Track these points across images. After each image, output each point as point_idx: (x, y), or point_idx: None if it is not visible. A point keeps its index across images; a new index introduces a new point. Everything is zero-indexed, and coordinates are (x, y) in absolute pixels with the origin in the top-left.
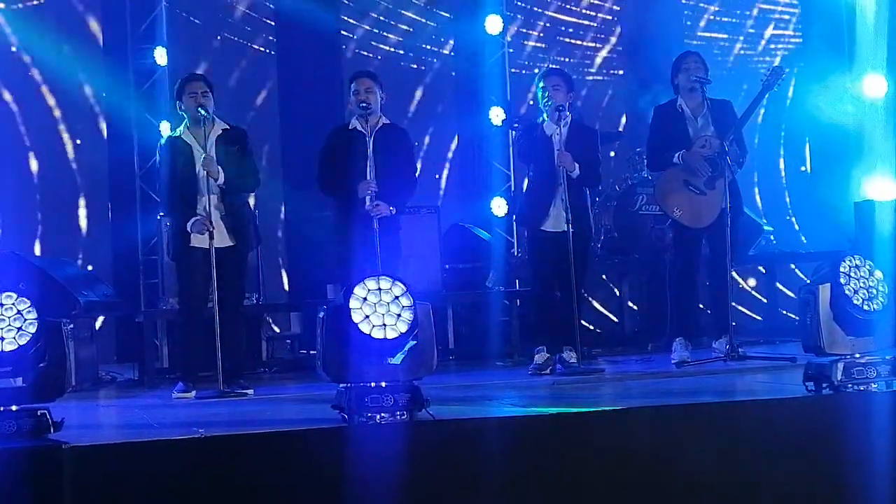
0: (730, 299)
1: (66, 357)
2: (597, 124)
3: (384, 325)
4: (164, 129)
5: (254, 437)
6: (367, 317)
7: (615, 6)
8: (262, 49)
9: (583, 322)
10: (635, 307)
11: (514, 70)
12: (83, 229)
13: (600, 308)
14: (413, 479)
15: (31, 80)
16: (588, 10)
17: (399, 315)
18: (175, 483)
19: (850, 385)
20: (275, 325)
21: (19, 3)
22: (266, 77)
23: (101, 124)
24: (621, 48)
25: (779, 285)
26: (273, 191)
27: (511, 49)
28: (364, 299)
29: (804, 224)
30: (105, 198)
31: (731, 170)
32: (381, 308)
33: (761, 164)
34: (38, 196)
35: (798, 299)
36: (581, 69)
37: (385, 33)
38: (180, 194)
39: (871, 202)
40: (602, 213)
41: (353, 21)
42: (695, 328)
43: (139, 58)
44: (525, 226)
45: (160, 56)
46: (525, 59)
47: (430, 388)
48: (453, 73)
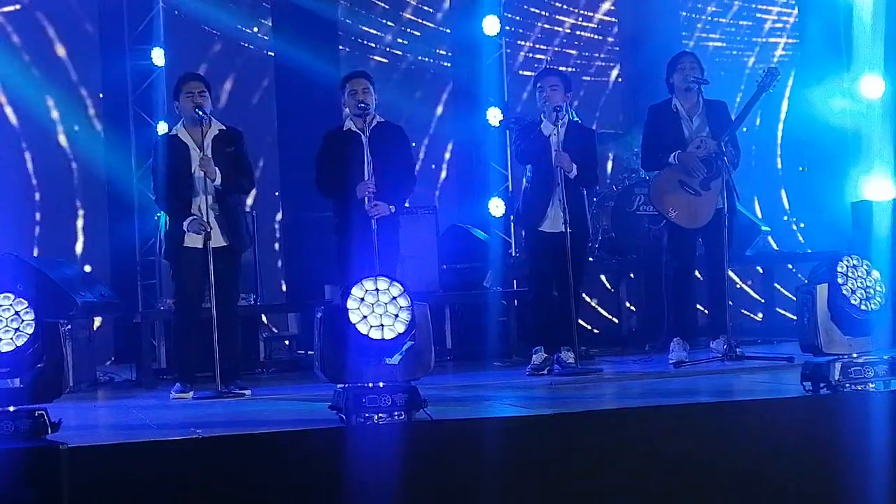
0: (727, 299)
1: (63, 358)
2: (594, 125)
3: (382, 325)
4: (162, 129)
5: (251, 437)
6: (365, 317)
7: (612, 6)
8: (259, 50)
9: (580, 322)
10: (633, 307)
11: (516, 71)
12: (81, 230)
13: (598, 308)
14: (411, 480)
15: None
16: (586, 11)
17: (397, 315)
18: (173, 483)
19: (847, 385)
20: (272, 326)
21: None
22: (263, 77)
23: (99, 125)
24: (619, 48)
25: (776, 285)
26: (270, 191)
27: (508, 50)
28: (362, 300)
29: (802, 224)
30: (103, 199)
31: (727, 170)
32: (378, 308)
33: (759, 165)
34: (37, 197)
35: (796, 299)
36: (579, 70)
37: (383, 34)
38: (176, 193)
39: (869, 202)
40: (600, 213)
41: (351, 21)
42: (691, 328)
43: (136, 58)
44: (523, 226)
45: (157, 57)
46: (522, 60)
47: (427, 388)
48: (451, 74)
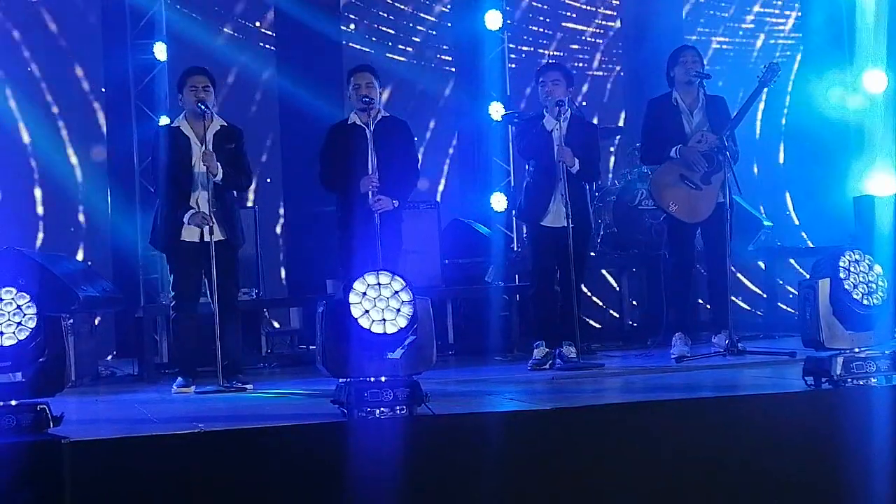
0: (729, 294)
1: (65, 352)
2: (596, 119)
3: (384, 319)
4: (164, 124)
5: (253, 432)
6: (367, 311)
7: (615, 0)
8: (261, 44)
9: (582, 317)
10: (635, 302)
11: (513, 65)
12: (83, 225)
13: (600, 303)
14: (412, 474)
15: (32, 75)
16: (587, 6)
17: (398, 310)
18: (175, 478)
19: (849, 379)
20: (274, 321)
21: None
22: (265, 72)
23: (101, 120)
24: (621, 43)
25: (778, 280)
26: (272, 186)
27: (511, 44)
28: (364, 294)
29: (804, 219)
30: (105, 193)
31: (728, 165)
32: (380, 303)
33: (761, 159)
34: (39, 192)
35: (798, 294)
36: (581, 64)
37: (385, 28)
38: (177, 186)
39: (871, 197)
40: (602, 208)
41: (353, 16)
42: (691, 323)
43: (139, 53)
44: (525, 221)
45: (160, 51)
46: (525, 55)
47: (429, 382)
48: (453, 69)
